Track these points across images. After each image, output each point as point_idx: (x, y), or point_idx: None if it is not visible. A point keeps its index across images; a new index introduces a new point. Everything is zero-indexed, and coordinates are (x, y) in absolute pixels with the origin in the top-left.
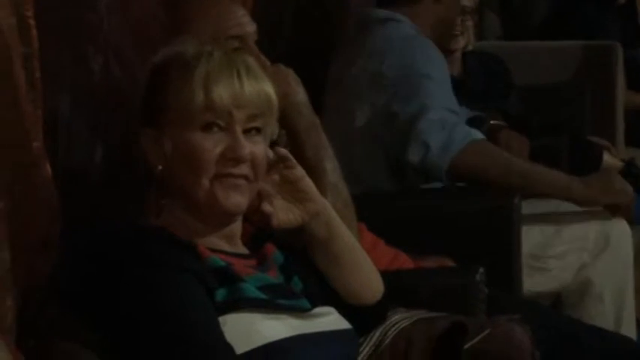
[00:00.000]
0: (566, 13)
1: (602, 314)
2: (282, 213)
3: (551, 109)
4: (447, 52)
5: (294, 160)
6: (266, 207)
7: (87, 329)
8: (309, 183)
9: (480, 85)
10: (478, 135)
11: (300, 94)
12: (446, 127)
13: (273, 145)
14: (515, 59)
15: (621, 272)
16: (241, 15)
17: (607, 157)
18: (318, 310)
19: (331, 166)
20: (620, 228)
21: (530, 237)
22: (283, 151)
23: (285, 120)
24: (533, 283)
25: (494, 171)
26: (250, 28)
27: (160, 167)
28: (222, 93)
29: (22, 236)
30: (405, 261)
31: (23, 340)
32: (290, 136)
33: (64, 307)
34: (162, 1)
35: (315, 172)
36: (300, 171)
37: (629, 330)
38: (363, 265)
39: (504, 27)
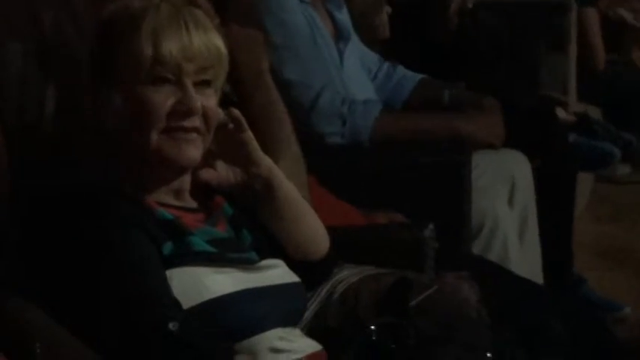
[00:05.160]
0: None
1: None
2: (223, 172)
3: (505, 66)
4: None
5: (245, 125)
6: (204, 174)
7: (36, 284)
8: (255, 147)
9: None
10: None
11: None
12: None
13: (226, 100)
14: None
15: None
16: None
17: (560, 113)
18: (266, 262)
19: (278, 122)
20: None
21: None
22: (237, 112)
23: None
24: None
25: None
26: None
27: (112, 122)
28: (170, 46)
29: None
30: (355, 216)
31: None
32: (236, 89)
33: (15, 261)
34: None
35: (261, 126)
36: (248, 135)
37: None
38: (307, 220)
39: None
